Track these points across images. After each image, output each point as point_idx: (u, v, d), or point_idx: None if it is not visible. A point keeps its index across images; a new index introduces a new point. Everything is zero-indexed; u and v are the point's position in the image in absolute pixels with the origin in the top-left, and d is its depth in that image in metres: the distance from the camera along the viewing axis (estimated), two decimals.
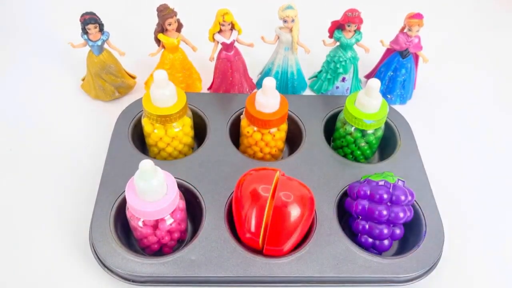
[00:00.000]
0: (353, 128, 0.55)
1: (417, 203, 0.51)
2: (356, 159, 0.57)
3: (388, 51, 0.67)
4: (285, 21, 0.59)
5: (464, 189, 0.59)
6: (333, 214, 0.49)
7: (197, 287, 0.46)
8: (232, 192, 0.49)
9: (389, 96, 0.68)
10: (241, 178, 0.47)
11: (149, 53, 0.62)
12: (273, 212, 0.43)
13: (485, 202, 0.57)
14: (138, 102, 0.59)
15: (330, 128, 0.60)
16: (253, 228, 0.44)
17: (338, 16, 0.61)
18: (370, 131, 0.55)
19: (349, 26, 0.60)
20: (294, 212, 0.44)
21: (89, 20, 0.57)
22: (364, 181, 0.49)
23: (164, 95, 0.50)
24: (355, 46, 0.63)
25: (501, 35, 0.85)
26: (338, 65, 0.64)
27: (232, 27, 0.59)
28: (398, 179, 0.48)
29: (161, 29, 0.59)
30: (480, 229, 0.55)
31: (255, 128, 0.53)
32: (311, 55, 0.64)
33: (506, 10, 0.92)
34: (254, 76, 0.69)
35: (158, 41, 0.61)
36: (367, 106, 0.52)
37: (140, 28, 0.72)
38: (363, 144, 0.56)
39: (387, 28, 0.67)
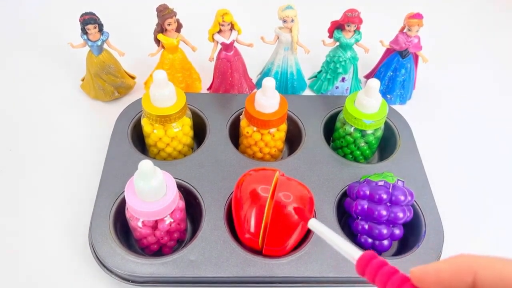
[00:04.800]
0: (352, 128, 0.55)
1: (416, 203, 0.51)
2: (355, 159, 0.57)
3: (388, 51, 0.66)
4: (284, 21, 0.59)
5: (464, 189, 0.59)
6: (333, 214, 0.49)
7: (196, 287, 0.46)
8: (232, 193, 0.49)
9: (388, 96, 0.68)
10: (241, 178, 0.47)
11: (149, 53, 0.62)
12: (273, 212, 0.43)
13: (484, 202, 0.57)
14: (138, 102, 0.59)
15: (330, 128, 0.60)
16: (252, 229, 0.44)
17: (337, 16, 0.61)
18: (369, 131, 0.55)
19: (348, 26, 0.60)
20: (294, 212, 0.44)
21: (89, 20, 0.57)
22: (364, 181, 0.49)
23: (164, 95, 0.50)
24: (354, 46, 0.63)
25: (501, 35, 0.85)
26: (337, 65, 0.64)
27: (232, 27, 0.59)
28: (398, 179, 0.48)
29: (161, 29, 0.59)
30: (479, 229, 0.55)
31: (255, 128, 0.53)
32: (311, 55, 0.64)
33: (506, 9, 0.91)
34: (253, 76, 0.69)
35: (157, 41, 0.61)
36: (367, 106, 0.52)
37: (140, 28, 0.72)
38: (362, 144, 0.56)
39: (386, 28, 0.67)
